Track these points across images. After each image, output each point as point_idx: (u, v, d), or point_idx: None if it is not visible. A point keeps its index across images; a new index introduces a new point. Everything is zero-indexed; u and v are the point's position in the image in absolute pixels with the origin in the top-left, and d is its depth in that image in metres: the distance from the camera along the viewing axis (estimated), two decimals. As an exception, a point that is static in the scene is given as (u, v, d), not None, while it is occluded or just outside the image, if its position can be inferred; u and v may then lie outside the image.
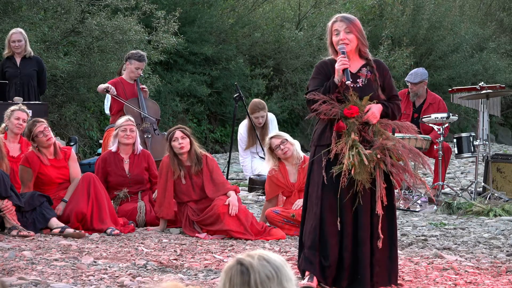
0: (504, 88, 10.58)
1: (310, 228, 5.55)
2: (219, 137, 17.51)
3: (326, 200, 5.50)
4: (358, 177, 5.40)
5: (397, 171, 5.48)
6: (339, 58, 5.54)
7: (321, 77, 5.64)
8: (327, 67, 5.65)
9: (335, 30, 5.61)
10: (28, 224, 7.60)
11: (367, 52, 5.67)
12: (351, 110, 5.48)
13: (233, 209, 7.70)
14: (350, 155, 5.38)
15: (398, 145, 5.51)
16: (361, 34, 5.61)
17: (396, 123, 5.69)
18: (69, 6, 13.17)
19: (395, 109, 5.67)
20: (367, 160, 5.38)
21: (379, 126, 5.56)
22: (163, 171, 7.93)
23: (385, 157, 5.45)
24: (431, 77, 19.43)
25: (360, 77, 5.63)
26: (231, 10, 18.16)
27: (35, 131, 8.00)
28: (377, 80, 5.62)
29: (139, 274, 5.95)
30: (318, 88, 5.58)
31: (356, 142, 5.44)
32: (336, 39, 5.59)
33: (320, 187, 5.51)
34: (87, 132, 14.49)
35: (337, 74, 5.54)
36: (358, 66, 5.66)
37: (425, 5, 20.76)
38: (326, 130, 5.58)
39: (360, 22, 5.70)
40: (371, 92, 5.57)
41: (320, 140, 5.61)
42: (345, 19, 5.61)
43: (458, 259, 6.78)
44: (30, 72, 10.09)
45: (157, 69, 15.47)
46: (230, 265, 2.86)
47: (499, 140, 22.39)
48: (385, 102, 5.64)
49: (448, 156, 10.25)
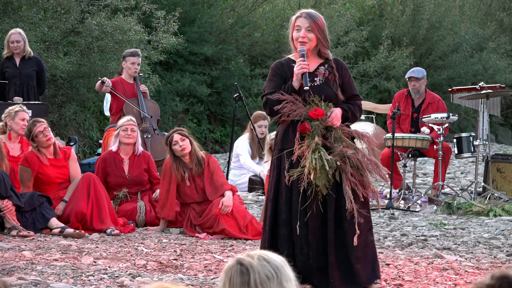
0: (504, 88, 10.58)
1: (284, 235, 5.44)
2: (219, 137, 17.51)
3: (295, 206, 5.38)
4: (318, 182, 5.29)
5: (355, 181, 5.36)
6: (298, 61, 5.44)
7: (277, 79, 5.53)
8: (283, 68, 5.56)
9: (297, 26, 5.51)
10: (28, 224, 7.60)
11: (327, 53, 5.56)
12: (317, 112, 5.39)
13: (225, 209, 7.71)
14: (312, 159, 5.27)
15: (357, 154, 5.41)
16: (322, 35, 5.50)
17: (357, 132, 5.59)
18: (69, 6, 13.16)
19: (356, 110, 5.59)
20: (328, 165, 5.28)
21: (340, 132, 5.47)
22: (167, 172, 7.93)
23: (345, 165, 5.35)
24: (431, 77, 19.42)
25: (317, 75, 5.53)
26: (231, 10, 18.16)
27: (35, 131, 8.00)
28: (336, 80, 5.53)
29: (139, 274, 5.95)
30: (275, 90, 5.46)
31: (319, 146, 5.34)
32: (296, 35, 5.49)
33: (287, 192, 5.41)
34: (87, 132, 14.48)
35: (295, 77, 5.45)
36: (316, 65, 5.57)
37: (425, 5, 20.75)
38: (289, 133, 5.48)
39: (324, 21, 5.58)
40: (329, 91, 5.49)
41: (283, 143, 5.49)
42: (309, 16, 5.50)
43: (458, 259, 6.78)
44: (29, 72, 10.08)
45: (157, 69, 15.47)
46: (230, 265, 2.86)
47: (499, 140, 22.38)
48: (344, 105, 5.54)
49: (448, 156, 10.25)
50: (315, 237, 5.40)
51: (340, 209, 5.38)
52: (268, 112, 5.54)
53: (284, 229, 5.44)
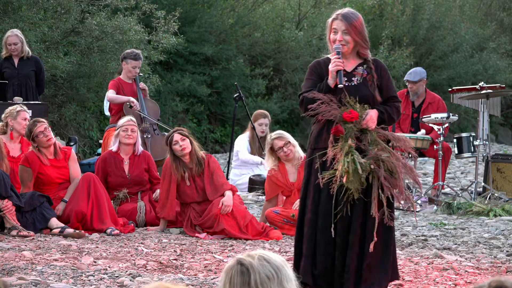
0: (504, 88, 10.58)
1: (306, 235, 5.38)
2: (219, 137, 17.51)
3: (322, 207, 5.32)
4: (350, 185, 5.20)
5: (388, 185, 5.27)
6: (333, 58, 5.36)
7: (315, 78, 5.46)
8: (321, 67, 5.47)
9: (333, 29, 5.42)
10: (28, 224, 7.60)
11: (366, 53, 5.45)
12: (351, 115, 5.28)
13: (225, 209, 7.71)
14: (345, 162, 5.19)
15: (392, 158, 5.32)
16: (360, 36, 5.39)
17: (393, 135, 5.49)
18: (69, 6, 13.16)
19: (393, 112, 5.45)
20: (361, 169, 5.18)
21: (375, 135, 5.35)
22: (167, 172, 7.93)
23: (378, 169, 5.25)
24: (431, 77, 19.42)
25: (355, 75, 5.44)
26: (231, 10, 18.16)
27: (36, 131, 8.00)
28: (374, 81, 5.42)
29: (139, 274, 5.95)
30: (311, 89, 5.38)
31: (352, 148, 5.23)
32: (333, 38, 5.41)
33: (315, 192, 5.35)
34: (87, 132, 14.48)
35: (330, 75, 5.36)
36: (354, 65, 5.47)
37: (425, 5, 20.76)
38: (323, 133, 5.40)
39: (362, 21, 5.44)
40: (366, 92, 5.39)
41: (317, 142, 5.42)
42: (345, 19, 5.37)
43: (458, 259, 6.78)
44: (28, 73, 10.08)
45: (157, 69, 15.47)
46: (230, 265, 2.87)
47: (499, 140, 22.39)
48: (380, 106, 5.42)
49: (448, 156, 10.25)
50: (341, 240, 5.32)
51: (367, 213, 5.30)
52: (303, 110, 5.43)
53: (308, 228, 5.37)
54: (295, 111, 18.85)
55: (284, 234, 7.80)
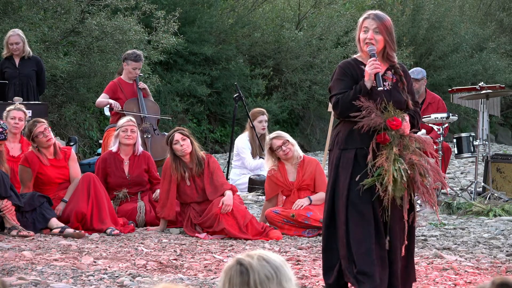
0: (504, 88, 10.59)
1: (341, 236, 5.23)
2: (219, 137, 17.51)
3: (353, 209, 5.18)
4: (397, 193, 5.11)
5: (424, 190, 5.24)
6: (370, 60, 5.20)
7: (348, 79, 5.28)
8: (353, 68, 5.31)
9: (364, 27, 5.28)
10: (28, 224, 7.61)
11: (393, 56, 5.35)
12: (396, 122, 5.14)
13: (225, 208, 7.72)
14: (394, 170, 5.07)
15: (422, 161, 5.25)
16: (390, 37, 5.28)
17: (419, 138, 5.40)
18: (69, 6, 13.17)
19: (418, 117, 5.40)
20: (405, 176, 5.10)
21: (408, 139, 5.25)
22: (167, 171, 7.94)
23: (413, 173, 5.18)
24: (431, 77, 19.43)
25: (386, 80, 5.30)
26: (231, 10, 18.16)
27: (35, 131, 8.00)
28: (405, 88, 5.32)
29: (139, 274, 5.95)
30: (346, 91, 5.22)
31: (397, 156, 5.13)
32: (363, 37, 5.28)
33: (346, 193, 5.20)
34: (87, 132, 14.49)
35: (367, 77, 5.18)
36: (384, 69, 5.33)
37: (425, 5, 20.76)
38: (354, 133, 5.21)
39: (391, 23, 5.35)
40: (399, 97, 5.28)
41: (347, 143, 5.24)
42: (377, 18, 5.27)
43: (458, 259, 6.79)
44: (29, 72, 10.08)
45: (157, 69, 15.48)
46: (229, 265, 2.87)
47: (499, 140, 22.39)
48: (410, 111, 5.34)
49: (448, 156, 10.25)
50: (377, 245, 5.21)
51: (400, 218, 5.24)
52: (338, 113, 5.27)
53: (340, 231, 5.23)
54: (295, 111, 18.85)
55: (284, 234, 7.80)
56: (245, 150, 10.57)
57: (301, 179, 8.00)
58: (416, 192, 5.29)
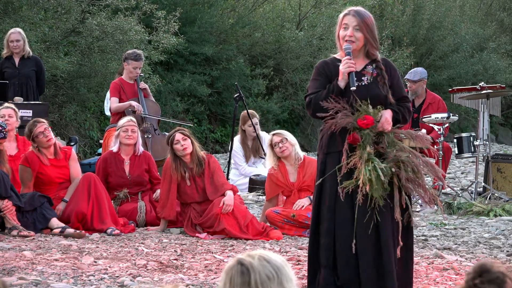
0: (504, 88, 10.59)
1: (324, 244, 5.13)
2: (219, 137, 17.52)
3: (339, 214, 5.07)
4: (375, 193, 4.98)
5: (413, 186, 5.11)
6: (344, 59, 5.12)
7: (322, 78, 5.20)
8: (328, 67, 5.23)
9: (344, 24, 5.15)
10: (28, 224, 7.60)
11: (375, 54, 5.23)
12: (366, 121, 5.02)
13: (226, 208, 7.72)
14: (366, 171, 4.95)
15: (412, 157, 5.11)
16: (371, 34, 5.16)
17: (410, 133, 5.31)
18: (70, 6, 13.17)
19: (405, 112, 5.23)
20: (383, 175, 4.96)
21: (393, 136, 5.13)
22: (167, 172, 7.94)
23: (399, 171, 5.05)
24: (431, 77, 19.42)
25: (365, 75, 5.20)
26: (231, 10, 18.16)
27: (35, 131, 8.00)
28: (386, 83, 5.19)
29: (139, 274, 5.95)
30: (319, 90, 5.14)
31: (372, 155, 5.01)
32: (343, 34, 5.17)
33: (331, 199, 5.10)
34: (87, 132, 14.49)
35: (341, 76, 5.09)
36: (363, 64, 5.24)
37: (425, 5, 20.77)
38: (336, 136, 5.11)
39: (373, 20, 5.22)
40: (377, 91, 5.16)
41: (329, 147, 5.15)
42: (357, 14, 5.13)
43: (458, 259, 6.78)
44: (28, 72, 10.08)
45: (158, 69, 15.48)
46: (230, 265, 2.87)
47: (499, 140, 22.40)
48: (394, 107, 5.21)
49: (448, 156, 10.25)
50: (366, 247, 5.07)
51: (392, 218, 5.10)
52: (311, 113, 5.21)
53: (326, 239, 5.12)
54: (295, 111, 18.85)
55: (284, 234, 7.81)
56: (237, 154, 10.56)
57: (301, 179, 8.01)
58: (412, 192, 5.19)
